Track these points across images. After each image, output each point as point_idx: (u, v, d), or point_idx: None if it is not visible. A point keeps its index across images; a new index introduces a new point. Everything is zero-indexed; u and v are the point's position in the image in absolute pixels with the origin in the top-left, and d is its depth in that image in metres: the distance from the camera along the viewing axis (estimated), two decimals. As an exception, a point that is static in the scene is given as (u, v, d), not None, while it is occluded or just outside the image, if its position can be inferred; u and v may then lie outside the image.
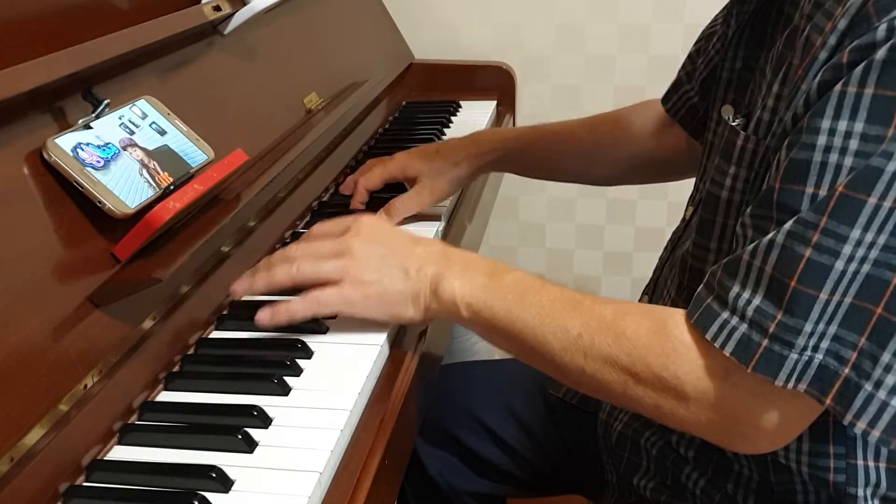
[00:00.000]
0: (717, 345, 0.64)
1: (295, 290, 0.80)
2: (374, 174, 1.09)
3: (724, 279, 0.66)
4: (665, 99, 1.08)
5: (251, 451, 0.67)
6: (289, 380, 0.75)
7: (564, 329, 0.71)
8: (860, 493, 0.73)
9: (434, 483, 1.07)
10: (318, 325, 0.83)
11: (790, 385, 0.62)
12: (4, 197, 0.68)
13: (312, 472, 0.64)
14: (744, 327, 0.64)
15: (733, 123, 0.75)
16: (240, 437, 0.67)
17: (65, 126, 0.76)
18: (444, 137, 1.40)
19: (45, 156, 0.72)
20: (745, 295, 0.64)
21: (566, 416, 1.03)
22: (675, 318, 0.68)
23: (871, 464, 0.73)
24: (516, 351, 0.77)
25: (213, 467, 0.64)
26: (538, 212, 1.87)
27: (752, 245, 0.64)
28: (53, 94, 0.76)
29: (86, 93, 0.79)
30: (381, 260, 0.79)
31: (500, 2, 1.72)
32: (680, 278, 0.84)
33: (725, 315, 0.65)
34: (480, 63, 1.68)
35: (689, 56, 1.04)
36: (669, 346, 0.67)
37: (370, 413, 0.74)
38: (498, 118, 1.57)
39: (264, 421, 0.70)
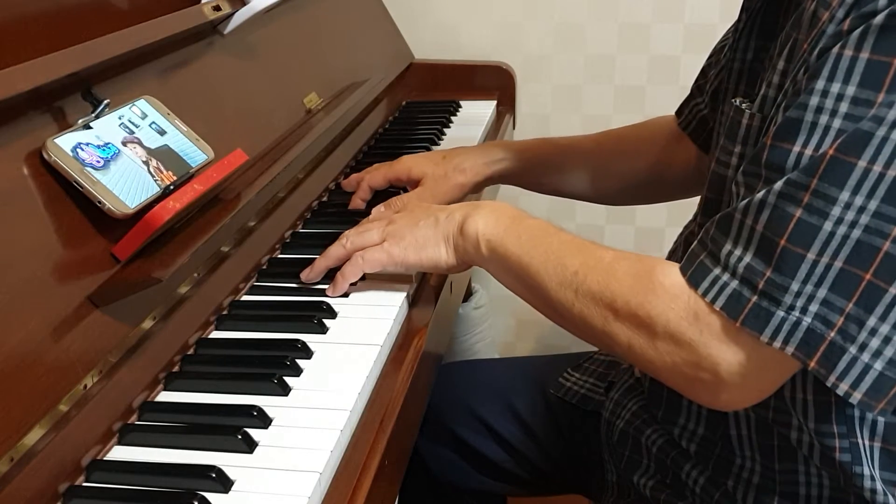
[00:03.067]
0: (708, 299, 0.67)
1: None
2: (378, 173, 1.10)
3: (717, 236, 0.68)
4: (678, 112, 1.09)
5: (251, 452, 0.67)
6: (289, 380, 0.75)
7: (564, 266, 0.76)
8: (866, 471, 0.74)
9: (435, 481, 1.07)
10: (319, 324, 0.83)
11: (777, 344, 0.64)
12: (4, 197, 0.68)
13: (312, 472, 0.64)
14: (735, 283, 0.66)
15: (741, 106, 0.75)
16: (240, 437, 0.67)
17: (65, 126, 0.76)
18: (444, 137, 1.40)
19: (45, 156, 0.72)
20: (737, 252, 0.66)
21: (566, 415, 1.03)
22: (665, 265, 0.71)
23: (867, 442, 0.74)
24: (520, 288, 0.81)
25: (212, 467, 0.64)
26: (538, 212, 1.85)
27: (744, 203, 0.66)
28: (53, 94, 0.76)
29: (86, 93, 0.79)
30: (415, 217, 0.88)
31: (500, 2, 1.72)
32: (682, 258, 0.84)
33: (717, 271, 0.67)
34: (480, 63, 1.68)
35: (702, 70, 1.05)
36: (650, 287, 0.70)
37: (370, 413, 0.74)
38: (498, 118, 1.57)
39: (264, 421, 0.70)
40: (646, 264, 0.72)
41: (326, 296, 0.88)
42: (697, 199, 0.89)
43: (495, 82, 1.64)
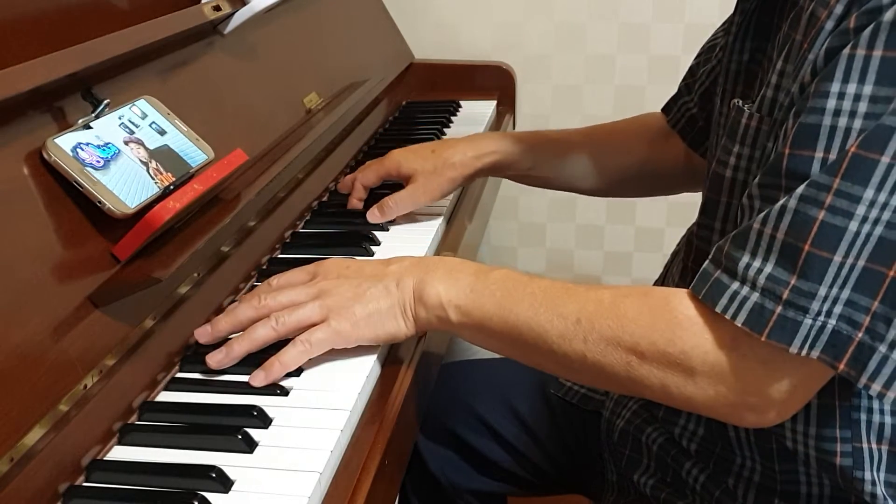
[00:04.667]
0: (727, 316, 0.64)
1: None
2: (370, 171, 1.10)
3: (733, 251, 0.65)
4: (666, 109, 1.09)
5: (251, 452, 0.67)
6: (288, 380, 0.75)
7: (561, 316, 0.70)
8: (867, 475, 0.73)
9: (435, 480, 1.07)
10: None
11: (804, 352, 0.62)
12: (4, 197, 0.68)
13: (312, 472, 0.64)
14: (755, 296, 0.63)
15: (742, 107, 0.74)
16: (240, 437, 0.67)
17: (65, 126, 0.76)
18: (444, 137, 1.40)
19: (45, 156, 0.72)
20: (756, 264, 0.64)
21: (566, 415, 1.03)
22: (678, 294, 0.68)
23: (874, 446, 0.73)
24: (511, 349, 0.75)
25: (212, 467, 0.64)
26: (538, 212, 1.87)
27: (763, 214, 0.64)
28: (53, 94, 0.76)
29: (86, 93, 0.79)
30: (358, 287, 0.77)
31: (500, 2, 1.72)
32: (685, 261, 0.84)
33: (735, 286, 0.64)
34: (480, 63, 1.68)
35: (690, 69, 1.05)
36: (674, 321, 0.67)
37: (370, 413, 0.74)
38: (498, 118, 1.57)
39: (264, 421, 0.70)
40: (655, 297, 0.69)
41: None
42: (699, 199, 0.89)
43: (495, 82, 1.64)
